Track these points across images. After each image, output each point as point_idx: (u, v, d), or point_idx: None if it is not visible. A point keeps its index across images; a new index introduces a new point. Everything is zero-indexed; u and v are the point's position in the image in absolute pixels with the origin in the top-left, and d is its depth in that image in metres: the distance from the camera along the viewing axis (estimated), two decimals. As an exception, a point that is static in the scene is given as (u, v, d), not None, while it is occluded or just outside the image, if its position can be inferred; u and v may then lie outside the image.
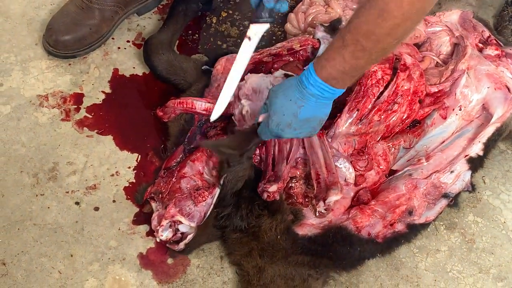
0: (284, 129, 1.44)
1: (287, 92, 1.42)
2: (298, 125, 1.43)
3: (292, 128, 1.44)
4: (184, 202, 1.57)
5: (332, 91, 1.37)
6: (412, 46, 1.87)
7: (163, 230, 1.57)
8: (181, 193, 1.60)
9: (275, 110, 1.43)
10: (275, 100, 1.43)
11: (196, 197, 1.56)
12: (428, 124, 1.79)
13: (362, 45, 1.27)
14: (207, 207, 1.57)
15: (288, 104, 1.41)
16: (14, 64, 1.95)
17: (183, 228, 1.57)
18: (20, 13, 2.07)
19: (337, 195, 1.59)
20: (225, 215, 1.59)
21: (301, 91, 1.39)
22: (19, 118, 1.83)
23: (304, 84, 1.38)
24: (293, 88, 1.41)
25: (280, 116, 1.42)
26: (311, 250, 1.59)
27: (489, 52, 1.89)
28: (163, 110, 1.78)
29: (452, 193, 1.71)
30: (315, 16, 2.01)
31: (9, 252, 1.61)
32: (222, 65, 1.80)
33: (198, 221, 1.56)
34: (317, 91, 1.37)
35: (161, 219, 1.57)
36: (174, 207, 1.56)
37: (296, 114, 1.41)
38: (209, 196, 1.57)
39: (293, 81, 1.42)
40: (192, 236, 1.57)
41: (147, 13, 2.13)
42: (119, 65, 1.99)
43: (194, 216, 1.56)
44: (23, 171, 1.74)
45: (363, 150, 1.73)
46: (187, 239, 1.57)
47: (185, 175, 1.63)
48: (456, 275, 1.69)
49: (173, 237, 1.58)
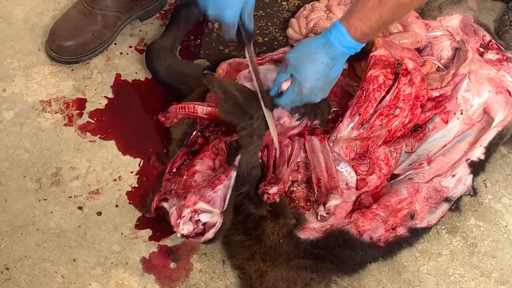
0: (317, 93, 1.45)
1: (315, 56, 1.42)
2: (328, 86, 1.45)
3: (323, 91, 1.46)
4: (203, 190, 1.50)
5: (358, 48, 1.42)
6: (413, 51, 1.88)
7: (184, 223, 1.46)
8: (198, 184, 1.55)
9: (307, 76, 1.43)
10: (304, 66, 1.43)
11: (214, 181, 1.51)
12: (429, 128, 1.79)
13: (402, 1, 1.33)
14: (226, 189, 1.50)
15: (320, 68, 1.42)
16: (17, 69, 1.96)
17: (204, 218, 1.48)
18: (23, 19, 2.08)
19: (337, 199, 1.59)
20: (243, 192, 1.55)
21: (331, 52, 1.41)
22: (22, 124, 1.84)
23: (334, 44, 1.40)
24: (320, 51, 1.42)
25: (313, 82, 1.42)
26: (313, 254, 1.59)
27: (490, 56, 1.90)
28: (165, 115, 1.78)
29: (454, 197, 1.72)
30: (316, 21, 2.01)
31: (12, 257, 1.62)
32: (224, 70, 1.80)
33: (220, 207, 1.49)
34: (346, 50, 1.40)
35: (181, 210, 1.48)
36: (195, 195, 1.48)
37: (327, 75, 1.42)
38: (226, 178, 1.51)
39: (317, 43, 1.43)
40: (220, 224, 1.48)
41: (149, 18, 2.14)
42: (121, 71, 2.00)
43: (215, 201, 1.49)
44: (26, 176, 1.75)
45: (365, 155, 1.73)
46: (215, 227, 1.47)
47: (197, 171, 1.61)
48: (458, 278, 1.69)
49: (194, 230, 1.48)
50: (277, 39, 2.12)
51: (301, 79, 1.44)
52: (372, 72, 1.69)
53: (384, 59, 1.72)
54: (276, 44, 2.10)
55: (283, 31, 2.12)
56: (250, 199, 1.57)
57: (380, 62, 1.71)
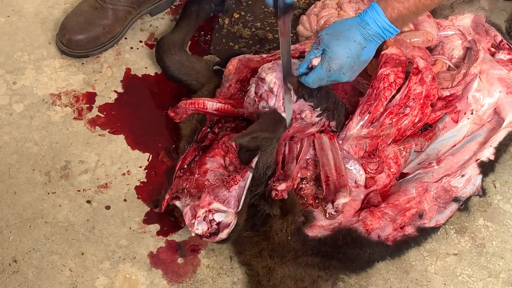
0: (346, 72, 1.44)
1: (348, 34, 1.42)
2: (358, 67, 1.44)
3: (352, 71, 1.45)
4: (217, 189, 1.52)
5: (394, 32, 1.41)
6: (424, 50, 1.87)
7: (198, 223, 1.48)
8: (211, 184, 1.56)
9: (338, 53, 1.42)
10: (336, 42, 1.42)
11: (228, 182, 1.52)
12: (439, 127, 1.79)
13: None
14: (240, 190, 1.52)
15: (353, 46, 1.42)
16: (28, 62, 1.96)
17: (218, 218, 1.50)
18: (34, 12, 2.08)
19: (346, 197, 1.59)
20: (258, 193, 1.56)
21: (365, 32, 1.41)
22: (32, 117, 1.85)
23: (368, 24, 1.40)
24: (354, 30, 1.42)
25: (344, 59, 1.42)
26: (321, 251, 1.59)
27: (502, 56, 1.89)
28: (175, 111, 1.79)
29: (463, 197, 1.71)
30: (327, 19, 2.01)
31: (20, 250, 1.62)
32: (234, 66, 1.80)
33: (234, 207, 1.50)
34: (381, 31, 1.40)
35: (195, 210, 1.49)
36: (209, 195, 1.50)
37: (359, 55, 1.42)
38: (241, 179, 1.52)
39: (351, 22, 1.43)
40: (234, 224, 1.49)
41: (159, 13, 2.14)
42: (131, 65, 2.00)
43: (230, 202, 1.50)
44: (35, 169, 1.75)
45: (374, 153, 1.73)
46: (229, 228, 1.49)
47: (209, 169, 1.60)
48: (465, 279, 1.68)
49: (208, 230, 1.50)
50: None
51: (332, 55, 1.43)
52: (383, 71, 1.69)
53: (395, 58, 1.71)
54: (287, 41, 2.09)
55: (294, 28, 2.11)
56: (265, 198, 1.57)
57: (391, 60, 1.70)
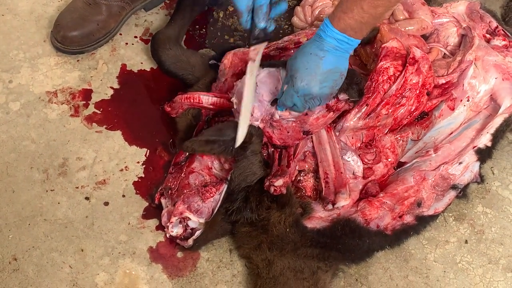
0: (309, 83, 1.46)
1: (305, 49, 1.46)
2: (323, 76, 1.45)
3: (317, 81, 1.46)
4: (192, 198, 1.58)
5: (350, 42, 1.43)
6: (419, 38, 1.87)
7: (173, 226, 1.58)
8: (190, 189, 1.61)
9: (297, 68, 1.46)
10: (295, 60, 1.47)
11: (204, 194, 1.58)
12: (436, 115, 1.79)
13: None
14: (215, 203, 1.58)
15: (309, 58, 1.45)
16: (23, 61, 1.96)
17: (192, 224, 1.59)
18: (28, 10, 2.08)
19: (346, 200, 1.62)
20: (235, 209, 1.59)
21: (319, 44, 1.44)
22: (28, 115, 1.85)
23: (322, 37, 1.43)
24: (310, 45, 1.46)
25: (303, 71, 1.45)
26: (320, 242, 1.59)
27: (497, 42, 1.89)
28: (171, 106, 1.78)
29: (461, 184, 1.71)
30: (322, 9, 2.00)
31: (20, 248, 1.63)
32: (229, 60, 1.80)
33: (206, 217, 1.58)
34: (335, 42, 1.42)
35: (170, 215, 1.59)
36: (183, 204, 1.57)
37: (318, 65, 1.44)
38: (217, 193, 1.58)
39: (310, 40, 1.47)
40: (200, 232, 1.58)
41: (154, 8, 2.13)
42: (127, 61, 1.99)
43: (203, 212, 1.58)
44: (33, 167, 1.75)
45: (371, 143, 1.73)
46: (195, 235, 1.58)
47: (193, 170, 1.64)
48: (465, 266, 1.69)
49: (183, 233, 1.59)
50: (282, 28, 2.11)
51: (292, 72, 1.47)
52: (382, 64, 1.69)
53: (395, 51, 1.71)
54: (282, 33, 2.09)
55: (288, 19, 2.11)
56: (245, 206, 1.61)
57: (391, 53, 1.70)
